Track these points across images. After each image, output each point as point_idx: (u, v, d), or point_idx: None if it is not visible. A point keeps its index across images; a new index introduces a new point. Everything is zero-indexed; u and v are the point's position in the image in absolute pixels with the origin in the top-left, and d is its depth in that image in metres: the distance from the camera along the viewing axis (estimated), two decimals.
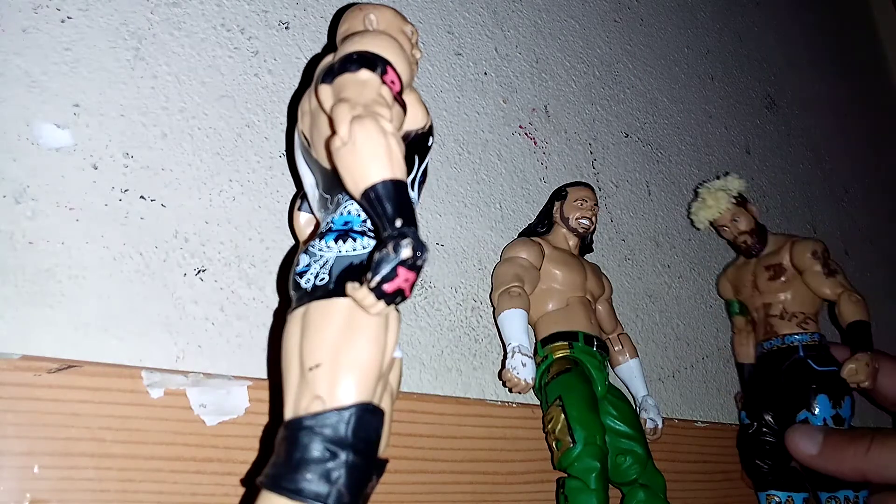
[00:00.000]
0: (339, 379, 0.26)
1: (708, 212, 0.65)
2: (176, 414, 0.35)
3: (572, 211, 0.53)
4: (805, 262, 0.60)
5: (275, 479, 0.26)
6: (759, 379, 0.62)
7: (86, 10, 0.38)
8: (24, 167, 0.35)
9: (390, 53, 0.31)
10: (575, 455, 0.44)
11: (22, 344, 0.32)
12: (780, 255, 0.62)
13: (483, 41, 0.59)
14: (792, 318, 0.60)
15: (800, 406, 0.56)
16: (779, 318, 0.61)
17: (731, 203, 0.64)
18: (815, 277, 0.60)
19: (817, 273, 0.60)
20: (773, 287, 0.61)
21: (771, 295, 0.62)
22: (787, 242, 0.62)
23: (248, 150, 0.42)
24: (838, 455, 0.52)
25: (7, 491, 0.30)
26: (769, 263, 0.62)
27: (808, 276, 0.60)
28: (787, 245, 0.62)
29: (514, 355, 0.45)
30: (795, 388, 0.57)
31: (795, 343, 0.59)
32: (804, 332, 0.60)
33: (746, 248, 0.64)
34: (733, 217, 0.64)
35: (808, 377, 0.57)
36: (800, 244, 0.61)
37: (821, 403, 0.56)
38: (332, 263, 0.28)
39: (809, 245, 0.61)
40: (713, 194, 0.64)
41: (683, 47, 0.83)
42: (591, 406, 0.46)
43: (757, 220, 0.64)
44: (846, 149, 1.08)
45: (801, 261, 0.61)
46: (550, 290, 0.51)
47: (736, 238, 0.64)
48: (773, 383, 0.60)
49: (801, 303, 0.61)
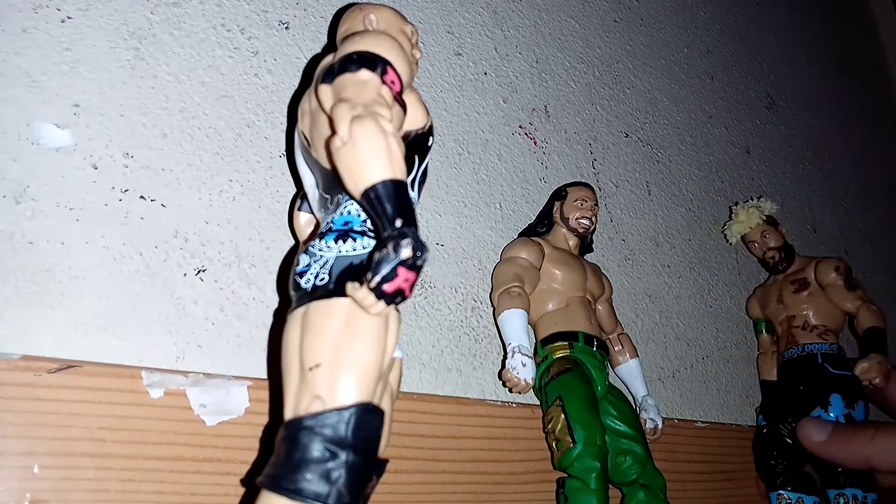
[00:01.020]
0: (339, 379, 0.26)
1: (739, 226, 0.70)
2: (176, 414, 0.35)
3: (572, 211, 0.53)
4: (828, 278, 0.64)
5: (275, 479, 0.26)
6: (780, 385, 0.65)
7: (86, 10, 0.38)
8: (24, 167, 0.35)
9: (390, 53, 0.31)
10: (575, 455, 0.44)
11: (22, 344, 0.32)
12: (806, 271, 0.66)
13: (483, 41, 0.59)
14: (813, 329, 0.63)
15: (814, 404, 0.58)
16: (801, 329, 0.64)
17: (761, 220, 0.68)
18: (837, 291, 0.63)
19: (839, 287, 0.63)
20: (797, 300, 0.65)
21: (795, 308, 0.65)
22: (811, 261, 0.67)
23: (248, 150, 0.42)
24: (845, 442, 0.54)
25: (7, 491, 0.30)
26: (795, 278, 0.66)
27: (830, 291, 0.64)
28: (812, 263, 0.66)
29: (514, 355, 0.45)
30: (812, 389, 0.60)
31: (815, 351, 0.62)
32: (824, 341, 0.62)
33: (774, 263, 0.68)
34: (763, 234, 0.68)
35: (825, 379, 0.60)
36: (824, 262, 0.66)
37: (835, 402, 0.58)
38: (332, 263, 0.28)
39: (833, 262, 0.65)
40: (746, 211, 0.69)
41: (683, 47, 0.83)
42: (591, 406, 0.46)
43: (786, 239, 0.69)
44: (846, 149, 1.08)
45: (824, 276, 0.64)
46: (550, 290, 0.51)
47: (765, 254, 0.69)
48: (792, 388, 0.62)
49: (824, 316, 0.64)
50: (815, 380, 0.60)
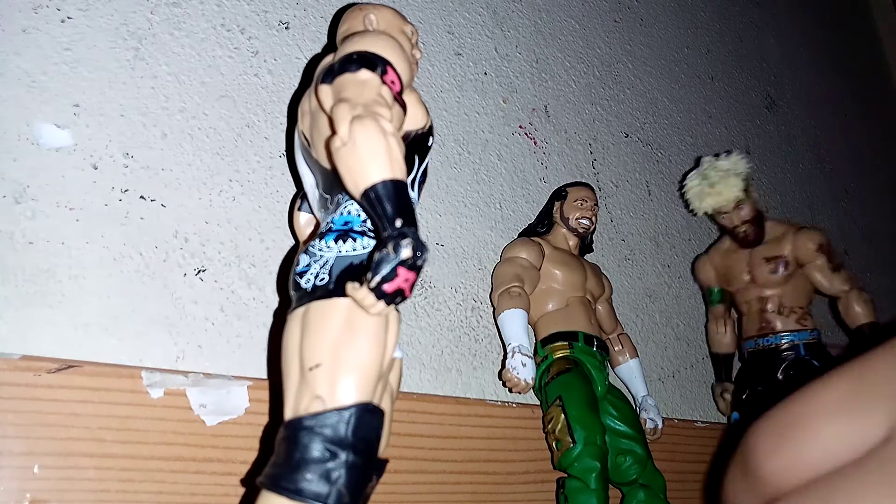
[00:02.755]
0: (339, 379, 0.26)
1: (717, 198, 0.61)
2: (176, 414, 0.35)
3: (572, 211, 0.53)
4: (809, 255, 0.59)
5: (275, 479, 0.26)
6: (753, 376, 0.61)
7: (86, 10, 0.38)
8: (24, 167, 0.35)
9: (390, 53, 0.30)
10: (575, 455, 0.44)
11: (22, 344, 0.32)
12: (782, 245, 0.60)
13: (483, 41, 0.59)
14: (791, 313, 0.59)
15: None
16: (776, 313, 0.60)
17: (741, 192, 0.60)
18: (819, 272, 0.59)
19: (822, 267, 0.59)
20: (773, 280, 0.60)
21: (769, 288, 0.60)
22: (788, 231, 0.60)
23: (248, 150, 0.42)
24: None
25: (7, 491, 0.30)
26: (770, 255, 0.60)
27: (811, 270, 0.59)
28: (790, 235, 0.60)
29: (514, 355, 0.45)
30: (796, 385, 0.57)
31: (796, 342, 0.58)
32: (803, 328, 0.59)
33: (744, 237, 0.61)
34: (738, 204, 0.60)
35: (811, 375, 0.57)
36: (803, 235, 0.59)
37: None
38: (332, 263, 0.28)
39: (815, 237, 0.59)
40: (725, 181, 0.60)
41: (683, 47, 0.83)
42: (592, 406, 0.46)
43: (757, 207, 0.62)
44: (846, 149, 1.08)
45: (804, 253, 0.59)
46: (550, 289, 0.51)
47: (736, 227, 0.61)
48: (770, 378, 0.59)
49: (798, 297, 0.60)
50: (803, 376, 0.57)
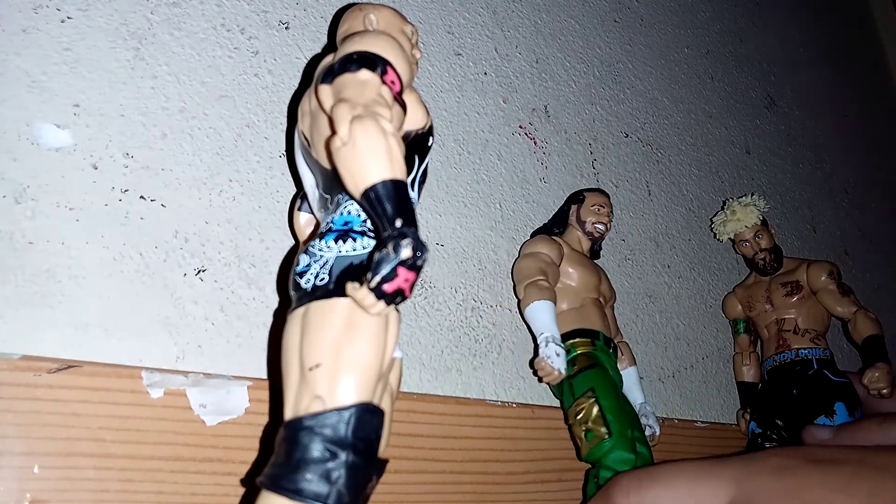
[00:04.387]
0: (339, 379, 0.26)
1: (735, 224, 0.68)
2: (176, 414, 0.35)
3: (589, 215, 0.55)
4: (820, 282, 0.64)
5: (275, 479, 0.26)
6: (771, 389, 0.64)
7: (86, 10, 0.38)
8: (24, 167, 0.35)
9: (390, 53, 0.31)
10: (609, 447, 0.45)
11: (22, 344, 0.32)
12: (797, 273, 0.66)
13: (483, 41, 0.59)
14: (805, 333, 0.63)
15: (818, 412, 0.58)
16: (792, 332, 0.64)
17: (759, 219, 0.67)
18: (830, 296, 0.64)
19: (832, 292, 0.64)
20: (789, 303, 0.65)
21: (785, 311, 0.65)
22: (802, 264, 0.67)
23: (248, 150, 0.42)
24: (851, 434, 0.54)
25: (7, 491, 0.30)
26: (786, 281, 0.66)
27: (822, 295, 0.64)
28: (804, 266, 0.66)
29: (547, 344, 0.45)
30: (814, 396, 0.60)
31: (810, 356, 0.62)
32: (817, 346, 0.63)
33: (764, 265, 0.67)
34: (756, 234, 0.67)
35: (826, 387, 0.60)
36: (815, 265, 0.65)
37: (839, 410, 0.58)
38: (332, 263, 0.28)
39: (825, 266, 0.65)
40: (743, 208, 0.67)
41: (683, 47, 0.83)
42: (624, 400, 0.47)
43: (775, 241, 0.68)
44: (846, 149, 1.08)
45: (816, 280, 0.64)
46: (566, 288, 0.52)
47: (756, 254, 0.67)
48: (786, 393, 0.62)
49: (814, 321, 0.64)
50: (815, 387, 0.60)
